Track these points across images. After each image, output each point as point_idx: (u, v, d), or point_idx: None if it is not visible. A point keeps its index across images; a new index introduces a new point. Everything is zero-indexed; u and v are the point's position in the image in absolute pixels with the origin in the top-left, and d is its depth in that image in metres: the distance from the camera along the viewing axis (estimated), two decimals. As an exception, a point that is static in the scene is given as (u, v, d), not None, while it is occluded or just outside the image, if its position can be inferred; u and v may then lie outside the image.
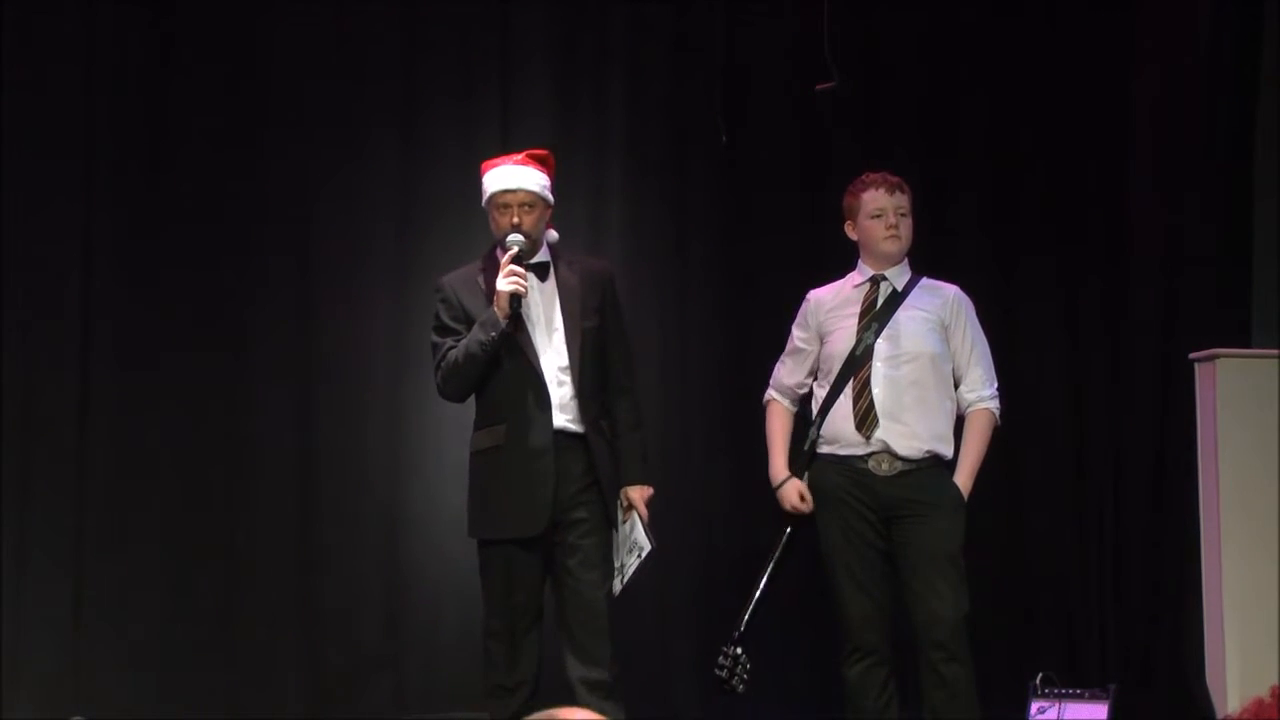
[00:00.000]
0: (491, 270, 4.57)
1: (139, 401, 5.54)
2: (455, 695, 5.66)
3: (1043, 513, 6.04)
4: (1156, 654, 5.64)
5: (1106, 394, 6.05)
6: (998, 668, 5.42)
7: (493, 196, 4.59)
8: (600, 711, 4.47)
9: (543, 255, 4.62)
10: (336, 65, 5.78)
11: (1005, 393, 4.78)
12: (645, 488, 4.66)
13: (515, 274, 4.47)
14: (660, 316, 5.93)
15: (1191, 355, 5.19)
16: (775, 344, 4.92)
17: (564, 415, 4.52)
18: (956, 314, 4.71)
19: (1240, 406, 5.04)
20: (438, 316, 4.61)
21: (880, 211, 4.72)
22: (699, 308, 6.01)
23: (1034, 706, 5.36)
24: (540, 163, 4.63)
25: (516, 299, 4.46)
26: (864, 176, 4.79)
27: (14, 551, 5.37)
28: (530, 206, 4.56)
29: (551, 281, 4.61)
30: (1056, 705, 5.33)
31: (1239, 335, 5.50)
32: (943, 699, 4.53)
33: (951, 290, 4.77)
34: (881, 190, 4.74)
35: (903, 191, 4.75)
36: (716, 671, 4.65)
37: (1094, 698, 5.31)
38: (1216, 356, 5.08)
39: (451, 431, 5.76)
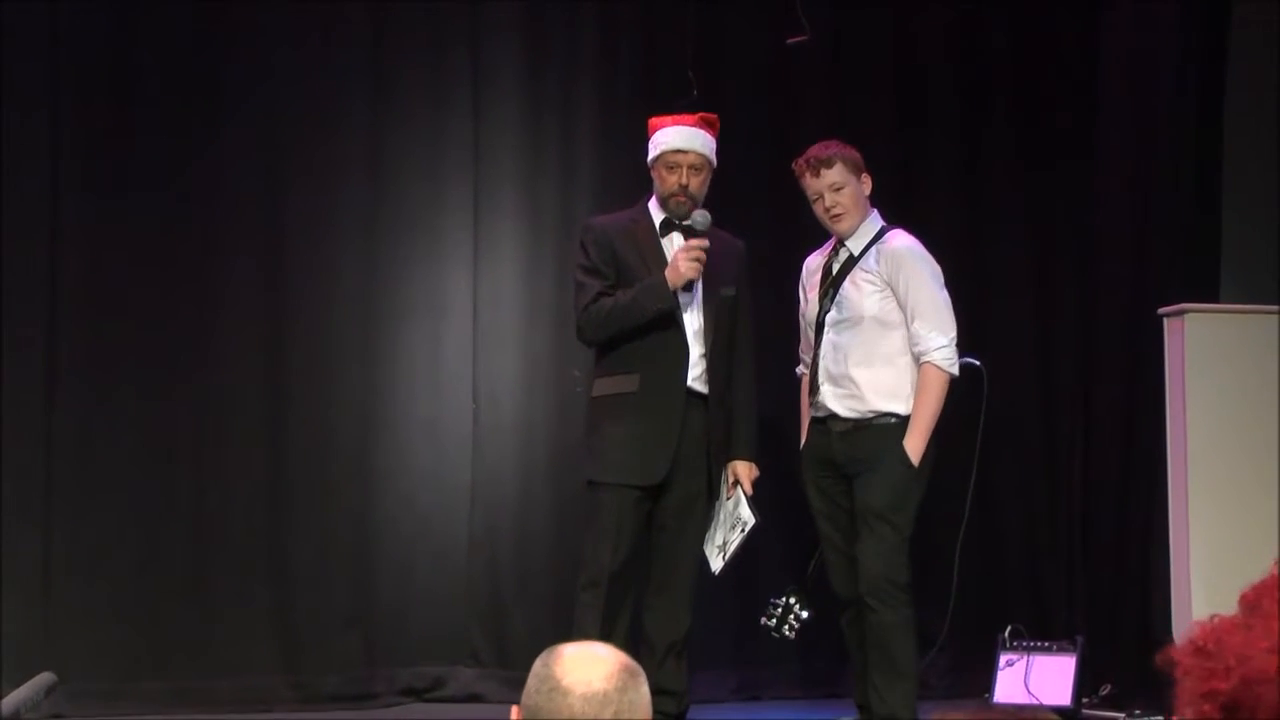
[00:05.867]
0: (646, 225, 4.68)
1: (108, 360, 5.50)
2: (426, 650, 5.66)
3: (1011, 467, 6.04)
4: (1124, 607, 5.67)
5: (1075, 348, 6.06)
6: (967, 622, 5.44)
7: (663, 154, 4.66)
8: (671, 670, 4.60)
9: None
10: (307, 33, 5.71)
11: (975, 349, 4.77)
12: (752, 465, 4.76)
13: (699, 258, 4.53)
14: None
15: (1160, 310, 5.19)
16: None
17: (694, 375, 4.61)
18: (896, 269, 4.65)
19: (1208, 361, 5.04)
20: (588, 255, 4.66)
21: (816, 195, 4.70)
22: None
23: (1002, 659, 5.41)
24: (710, 126, 4.70)
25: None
26: (795, 163, 4.74)
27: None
28: (698, 169, 4.65)
29: None
30: (1025, 658, 5.37)
31: (1208, 290, 5.51)
32: (870, 645, 4.62)
33: (891, 246, 4.70)
34: (808, 175, 4.70)
35: (828, 166, 4.66)
36: (765, 620, 4.72)
37: (1061, 650, 5.36)
38: (1185, 312, 5.08)
39: (422, 385, 5.75)
